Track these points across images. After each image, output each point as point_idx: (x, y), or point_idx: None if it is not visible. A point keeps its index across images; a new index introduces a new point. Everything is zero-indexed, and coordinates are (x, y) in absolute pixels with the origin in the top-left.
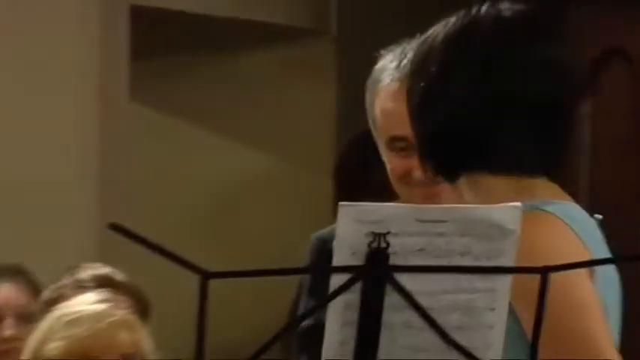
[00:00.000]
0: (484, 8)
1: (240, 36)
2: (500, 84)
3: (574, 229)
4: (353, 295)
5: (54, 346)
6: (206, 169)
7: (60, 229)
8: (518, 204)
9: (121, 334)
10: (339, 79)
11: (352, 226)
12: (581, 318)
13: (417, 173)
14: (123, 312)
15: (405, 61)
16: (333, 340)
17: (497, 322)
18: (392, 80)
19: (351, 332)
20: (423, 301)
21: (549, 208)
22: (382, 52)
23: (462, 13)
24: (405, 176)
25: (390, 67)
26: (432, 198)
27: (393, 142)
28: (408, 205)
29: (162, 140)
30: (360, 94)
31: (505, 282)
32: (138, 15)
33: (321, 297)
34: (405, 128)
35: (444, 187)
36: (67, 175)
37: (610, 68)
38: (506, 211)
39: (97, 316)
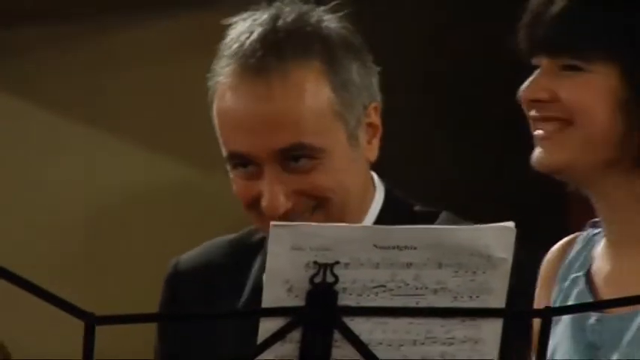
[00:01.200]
0: None
1: (121, 2)
2: None
3: None
4: (289, 347)
5: None
6: (80, 176)
7: None
8: (511, 224)
9: None
10: None
11: (288, 254)
12: None
13: (267, 207)
14: None
15: (253, 38)
16: None
17: None
18: (227, 66)
19: None
20: (383, 354)
21: None
22: (236, 18)
23: None
24: (253, 205)
25: (232, 47)
26: None
27: (232, 158)
28: (364, 225)
29: (12, 135)
30: None
31: (494, 328)
32: None
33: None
34: (244, 143)
35: (314, 221)
36: None
37: None
38: (497, 234)
39: None
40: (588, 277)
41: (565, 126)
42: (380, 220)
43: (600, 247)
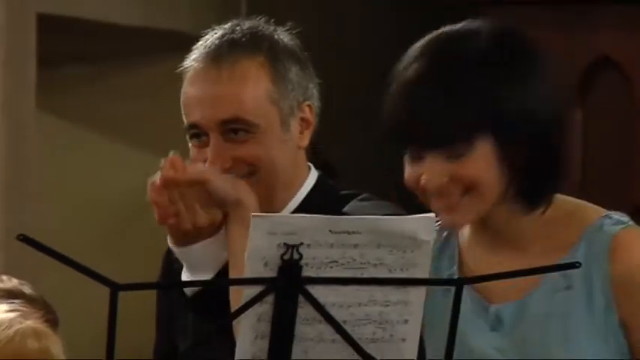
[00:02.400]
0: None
1: (148, 44)
2: None
3: None
4: (265, 307)
5: None
6: (114, 177)
7: None
8: (432, 215)
9: (29, 343)
10: None
11: (265, 238)
12: None
13: (208, 167)
14: (32, 321)
15: (215, 35)
16: (245, 354)
17: (411, 334)
18: (192, 60)
19: (264, 345)
20: (336, 313)
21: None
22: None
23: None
24: None
25: (200, 44)
26: None
27: (189, 129)
28: (322, 216)
29: (69, 149)
30: None
31: (419, 294)
32: (45, 23)
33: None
34: (197, 114)
35: None
36: None
37: (600, 76)
38: (420, 222)
39: (4, 325)
40: (462, 273)
41: (465, 193)
42: (308, 198)
43: (460, 250)
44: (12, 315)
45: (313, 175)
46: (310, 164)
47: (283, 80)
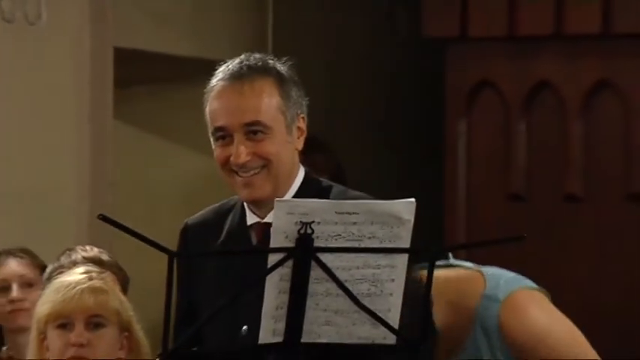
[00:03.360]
0: None
1: (197, 70)
2: None
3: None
4: (286, 270)
5: (43, 309)
6: (172, 171)
7: (60, 219)
8: (412, 200)
9: (87, 298)
10: None
11: (286, 217)
12: None
13: (233, 160)
14: (96, 280)
15: (235, 62)
16: (270, 306)
17: (396, 290)
18: (218, 80)
19: (285, 298)
20: (340, 274)
21: (525, 283)
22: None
23: None
24: (226, 164)
25: (222, 68)
26: (250, 185)
27: (216, 132)
28: (328, 200)
29: (140, 149)
30: None
31: (402, 259)
32: (121, 54)
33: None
34: (224, 119)
35: (260, 177)
36: (65, 179)
37: (482, 95)
38: (404, 205)
39: (70, 284)
40: None
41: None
42: (300, 189)
43: None
44: (80, 277)
45: (301, 172)
46: (299, 163)
47: (288, 96)
